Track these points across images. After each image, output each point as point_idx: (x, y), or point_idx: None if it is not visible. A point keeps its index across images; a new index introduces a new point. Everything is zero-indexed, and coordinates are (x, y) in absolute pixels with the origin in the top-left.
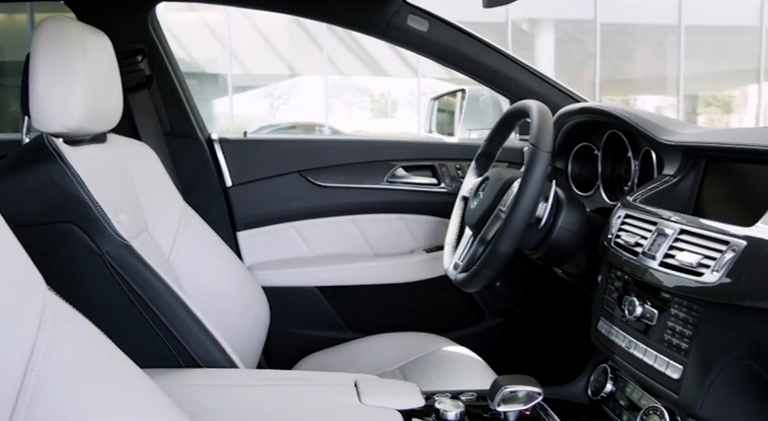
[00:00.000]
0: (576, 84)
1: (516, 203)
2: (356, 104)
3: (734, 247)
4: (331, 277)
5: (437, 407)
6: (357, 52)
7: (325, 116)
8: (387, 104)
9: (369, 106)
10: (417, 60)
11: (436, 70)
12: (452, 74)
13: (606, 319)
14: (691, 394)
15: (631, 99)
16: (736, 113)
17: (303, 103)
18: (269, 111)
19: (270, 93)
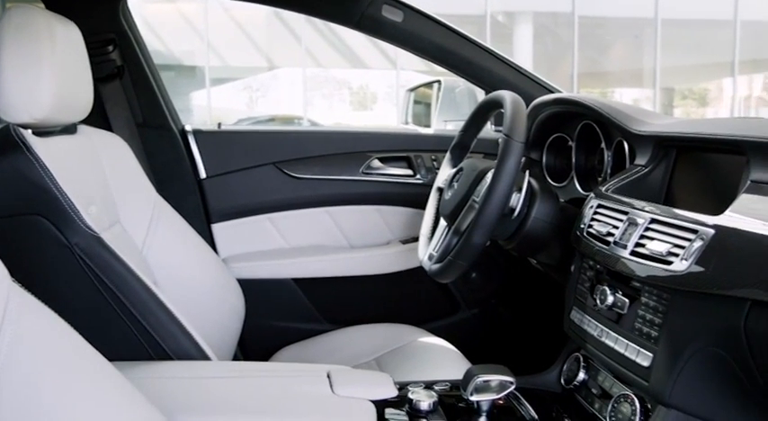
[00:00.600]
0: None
1: (489, 194)
2: (335, 97)
3: (702, 236)
4: (307, 269)
5: (410, 398)
6: (336, 44)
7: (303, 109)
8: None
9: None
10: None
11: (415, 63)
12: (431, 66)
13: (578, 309)
14: (660, 381)
15: (609, 91)
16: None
17: (282, 95)
18: (248, 103)
19: (248, 85)
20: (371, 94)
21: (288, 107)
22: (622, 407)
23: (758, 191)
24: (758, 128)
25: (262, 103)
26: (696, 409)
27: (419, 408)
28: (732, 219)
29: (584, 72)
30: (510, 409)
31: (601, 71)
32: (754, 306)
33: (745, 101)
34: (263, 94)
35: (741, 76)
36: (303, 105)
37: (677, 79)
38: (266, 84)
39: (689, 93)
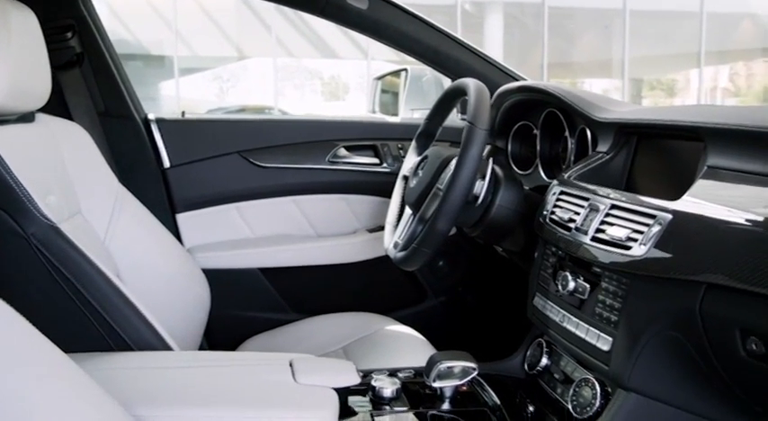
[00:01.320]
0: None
1: (453, 181)
2: (307, 87)
3: (660, 221)
4: (273, 258)
5: (373, 385)
6: (307, 34)
7: (274, 99)
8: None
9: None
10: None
11: (387, 52)
12: (403, 56)
13: (541, 295)
14: (619, 365)
15: (579, 82)
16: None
17: (253, 85)
18: (218, 94)
19: (219, 75)
20: (343, 85)
21: (259, 97)
22: (583, 391)
23: (714, 176)
24: (715, 114)
25: (232, 93)
26: (655, 392)
27: (382, 395)
28: (689, 204)
29: (554, 62)
30: (473, 395)
31: (571, 61)
32: (710, 289)
33: (711, 91)
34: (233, 85)
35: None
36: (274, 95)
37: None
38: (237, 74)
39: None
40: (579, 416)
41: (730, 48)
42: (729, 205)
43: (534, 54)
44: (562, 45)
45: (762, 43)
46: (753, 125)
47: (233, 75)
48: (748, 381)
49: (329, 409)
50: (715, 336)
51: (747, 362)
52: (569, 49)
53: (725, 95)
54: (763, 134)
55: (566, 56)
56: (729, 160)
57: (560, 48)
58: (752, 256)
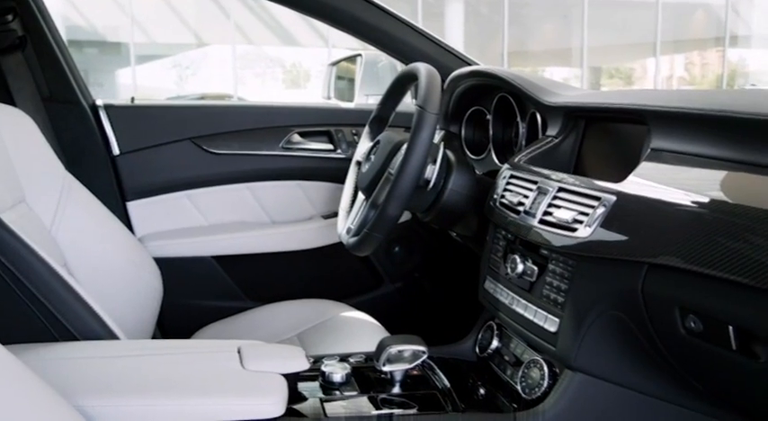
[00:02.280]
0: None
1: (403, 165)
2: (268, 75)
3: (605, 203)
4: (227, 246)
5: (323, 370)
6: (267, 21)
7: (234, 86)
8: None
9: (281, 77)
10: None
11: (348, 40)
12: (364, 44)
13: (492, 278)
14: (566, 346)
15: (540, 70)
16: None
17: (213, 73)
18: (177, 82)
19: (178, 63)
20: (305, 72)
21: (219, 85)
22: (532, 372)
23: (658, 158)
24: (658, 98)
25: (192, 81)
26: (600, 372)
27: (332, 381)
28: (632, 185)
29: (514, 51)
30: (424, 379)
31: (531, 50)
32: (651, 269)
33: (668, 80)
34: (193, 72)
35: (664, 57)
36: (233, 83)
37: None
38: (196, 61)
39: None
40: (528, 397)
41: (685, 37)
42: (671, 187)
43: (495, 43)
44: (522, 34)
45: (715, 33)
46: (694, 108)
47: (193, 62)
48: (688, 359)
49: (277, 395)
50: (656, 315)
51: (686, 339)
52: (529, 38)
53: (680, 84)
54: (704, 117)
55: (526, 45)
56: (672, 142)
57: (521, 37)
58: (691, 237)
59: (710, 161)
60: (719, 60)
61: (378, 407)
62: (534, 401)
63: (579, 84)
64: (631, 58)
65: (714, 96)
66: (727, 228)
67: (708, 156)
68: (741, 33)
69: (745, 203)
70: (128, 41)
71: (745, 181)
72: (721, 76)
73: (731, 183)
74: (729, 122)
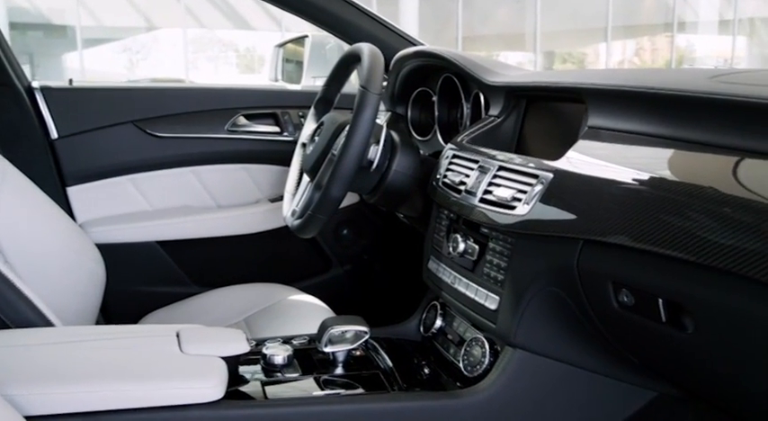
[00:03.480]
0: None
1: (346, 146)
2: (221, 60)
3: (542, 180)
4: (172, 231)
5: (264, 352)
6: (218, 4)
7: (185, 71)
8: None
9: (235, 61)
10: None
11: (301, 24)
12: (317, 28)
13: (435, 258)
14: (506, 323)
15: (494, 55)
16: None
17: (165, 57)
18: (127, 66)
19: (128, 47)
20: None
21: (170, 70)
22: (474, 350)
23: (594, 136)
24: (596, 76)
25: (143, 65)
26: (539, 348)
27: (273, 363)
28: (569, 162)
29: (469, 36)
30: (367, 359)
31: (486, 35)
32: (586, 245)
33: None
34: (143, 57)
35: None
36: (185, 67)
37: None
38: (147, 45)
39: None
40: (470, 374)
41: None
42: (606, 164)
43: (450, 28)
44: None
45: (664, 19)
46: (629, 85)
47: (143, 46)
48: (621, 332)
49: (216, 378)
50: (591, 290)
51: (619, 313)
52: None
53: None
54: (639, 94)
55: (480, 29)
56: (608, 120)
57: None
58: (624, 212)
59: (645, 138)
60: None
61: (320, 389)
62: (476, 379)
63: (533, 68)
64: (584, 42)
65: (648, 75)
66: (661, 203)
67: (643, 134)
68: (689, 19)
69: (680, 179)
70: (74, 24)
71: (678, 157)
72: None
73: (665, 160)
74: (661, 99)
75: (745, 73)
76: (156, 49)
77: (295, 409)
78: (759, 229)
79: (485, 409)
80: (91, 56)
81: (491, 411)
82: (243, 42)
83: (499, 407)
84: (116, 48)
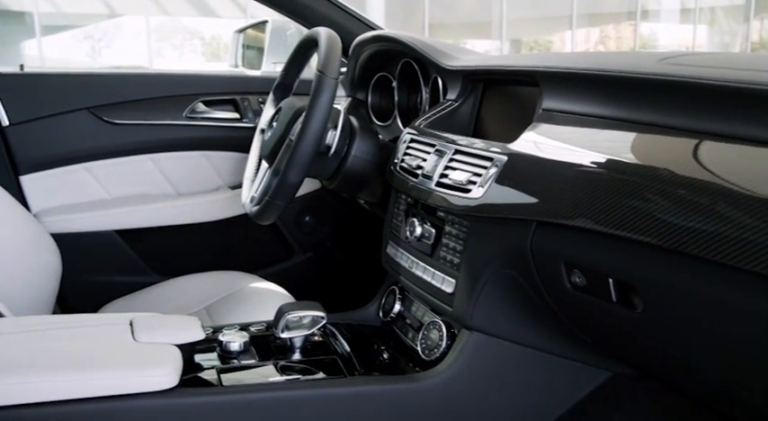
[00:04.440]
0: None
1: (302, 131)
2: (187, 47)
3: (497, 163)
4: (130, 219)
5: (220, 339)
6: None
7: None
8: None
9: (200, 49)
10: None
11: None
12: (282, 16)
13: (393, 243)
14: (462, 306)
15: (462, 43)
16: None
17: (128, 45)
18: (90, 54)
19: (90, 34)
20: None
21: (134, 58)
22: (431, 334)
23: (548, 119)
24: (550, 59)
25: (106, 53)
26: (496, 330)
27: (230, 350)
28: (522, 145)
29: (436, 23)
30: (325, 345)
31: (453, 23)
32: (539, 227)
33: None
34: (106, 44)
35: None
36: (148, 55)
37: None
38: (110, 33)
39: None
40: (428, 358)
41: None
42: (559, 146)
43: (417, 15)
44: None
45: (627, 7)
46: (581, 68)
47: (106, 34)
48: (575, 312)
49: (169, 366)
50: (544, 272)
51: (572, 293)
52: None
53: None
54: (591, 76)
55: (448, 17)
56: (562, 103)
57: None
58: (575, 194)
59: (598, 120)
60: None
61: (277, 375)
62: (433, 362)
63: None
64: (550, 30)
65: (600, 58)
66: (613, 185)
67: (595, 116)
68: (651, 8)
69: (632, 161)
70: (32, 11)
71: (630, 139)
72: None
73: (618, 142)
74: (611, 81)
75: (693, 55)
76: (120, 37)
77: (250, 396)
78: (713, 210)
79: (442, 392)
80: (51, 43)
81: (448, 394)
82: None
83: (456, 390)
84: (77, 35)
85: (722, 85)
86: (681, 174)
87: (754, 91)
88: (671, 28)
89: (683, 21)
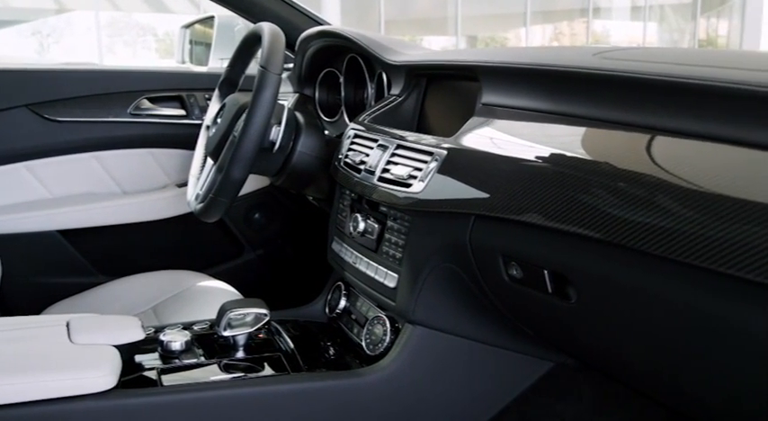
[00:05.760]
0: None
1: (245, 127)
2: (139, 44)
3: (437, 157)
4: (74, 219)
5: (161, 339)
6: None
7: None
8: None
9: (154, 46)
10: None
11: (220, 8)
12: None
13: (338, 238)
14: (404, 300)
15: (418, 39)
16: None
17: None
18: (38, 50)
19: (37, 30)
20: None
21: (85, 54)
22: (375, 329)
23: (488, 113)
24: (490, 54)
25: (54, 49)
26: (438, 324)
27: (171, 349)
28: (461, 139)
29: (393, 19)
30: (269, 342)
31: (410, 19)
32: (477, 220)
33: None
34: (55, 40)
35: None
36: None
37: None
38: (59, 28)
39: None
40: (372, 353)
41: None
42: (497, 140)
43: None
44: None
45: (580, 4)
46: (517, 62)
47: (55, 29)
48: (514, 304)
49: (107, 367)
50: (483, 265)
51: (510, 285)
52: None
53: None
54: (528, 71)
55: (403, 13)
56: (501, 97)
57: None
58: (512, 187)
59: (535, 114)
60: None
61: (220, 374)
62: (377, 357)
63: None
64: (506, 27)
65: (538, 52)
66: (549, 178)
67: (532, 110)
68: (603, 5)
69: (570, 154)
70: None
71: (568, 132)
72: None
73: (556, 136)
74: (546, 75)
75: (627, 50)
76: (69, 33)
77: (191, 395)
78: (651, 202)
79: (386, 386)
80: None
81: (392, 388)
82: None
83: (400, 384)
84: (24, 31)
85: (650, 79)
86: (619, 166)
87: (682, 84)
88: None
89: (634, 18)
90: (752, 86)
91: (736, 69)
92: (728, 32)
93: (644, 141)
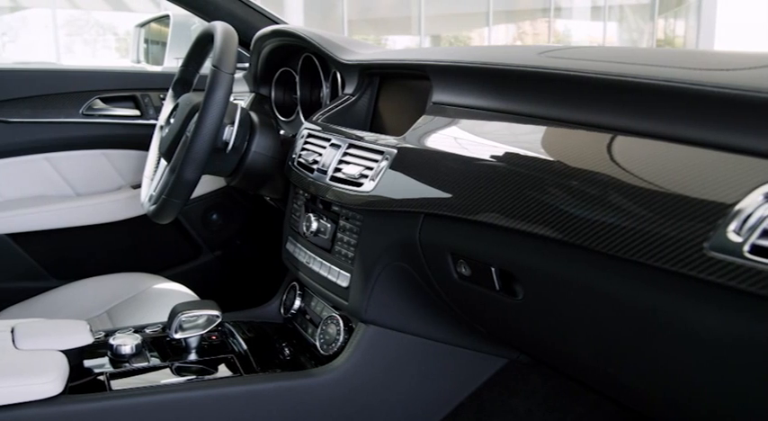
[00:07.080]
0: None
1: (197, 127)
2: (99, 43)
3: (387, 156)
4: (25, 222)
5: (111, 343)
6: None
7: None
8: None
9: (114, 45)
10: None
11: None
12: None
13: (292, 239)
14: (357, 299)
15: (383, 38)
16: None
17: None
18: None
19: None
20: None
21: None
22: (329, 328)
23: (438, 112)
24: (440, 53)
25: (10, 48)
26: (391, 322)
27: (121, 353)
28: (411, 138)
29: (357, 19)
30: (222, 344)
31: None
32: (426, 219)
33: None
34: (11, 39)
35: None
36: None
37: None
38: (14, 27)
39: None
40: (326, 353)
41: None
42: (446, 139)
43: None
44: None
45: (542, 4)
46: (464, 61)
47: (11, 28)
48: (464, 302)
49: (53, 373)
50: (433, 263)
51: (459, 283)
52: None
53: None
54: (475, 69)
55: (367, 13)
56: (450, 96)
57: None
58: (459, 185)
59: (483, 112)
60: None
61: (171, 377)
62: (331, 357)
63: None
64: (469, 27)
65: (486, 51)
66: (497, 176)
67: (481, 108)
68: (564, 5)
69: (517, 152)
70: None
71: (516, 131)
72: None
73: (505, 134)
74: (492, 74)
75: (572, 49)
76: (26, 31)
77: (139, 400)
78: (604, 200)
79: (339, 386)
80: None
81: (346, 388)
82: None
83: (354, 383)
84: None
85: (588, 77)
86: (571, 165)
87: (619, 82)
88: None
89: (594, 18)
90: (684, 84)
91: (675, 68)
92: (685, 32)
93: (589, 139)
